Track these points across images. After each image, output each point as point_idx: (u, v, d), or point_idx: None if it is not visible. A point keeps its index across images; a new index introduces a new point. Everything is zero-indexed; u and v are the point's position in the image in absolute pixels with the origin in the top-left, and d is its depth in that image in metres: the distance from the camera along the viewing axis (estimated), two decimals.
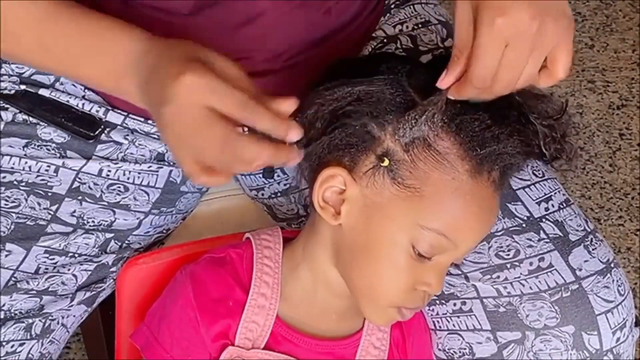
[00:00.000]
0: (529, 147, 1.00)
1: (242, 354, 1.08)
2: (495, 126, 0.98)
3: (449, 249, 1.01)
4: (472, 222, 1.01)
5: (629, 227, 2.11)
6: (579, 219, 1.13)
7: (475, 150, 0.98)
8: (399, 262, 1.01)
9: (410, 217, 1.00)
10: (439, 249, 1.01)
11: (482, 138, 0.98)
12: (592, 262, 1.09)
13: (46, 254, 1.14)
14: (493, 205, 1.03)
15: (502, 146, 0.98)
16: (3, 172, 1.13)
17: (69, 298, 1.16)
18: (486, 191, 1.00)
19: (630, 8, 2.55)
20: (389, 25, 1.25)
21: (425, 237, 1.00)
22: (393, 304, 1.04)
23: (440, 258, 1.02)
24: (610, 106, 2.34)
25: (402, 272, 1.02)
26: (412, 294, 1.03)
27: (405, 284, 1.02)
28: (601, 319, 1.07)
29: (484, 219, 1.03)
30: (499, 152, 0.99)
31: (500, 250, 1.11)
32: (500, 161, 0.99)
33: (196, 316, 1.08)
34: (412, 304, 1.05)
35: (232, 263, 1.11)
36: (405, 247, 1.01)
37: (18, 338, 1.11)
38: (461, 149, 0.98)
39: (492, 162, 0.99)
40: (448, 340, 1.15)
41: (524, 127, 0.99)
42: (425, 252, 1.01)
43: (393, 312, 1.05)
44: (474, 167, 0.98)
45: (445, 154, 0.98)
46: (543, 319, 1.07)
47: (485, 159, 0.98)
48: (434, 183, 0.99)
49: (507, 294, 1.09)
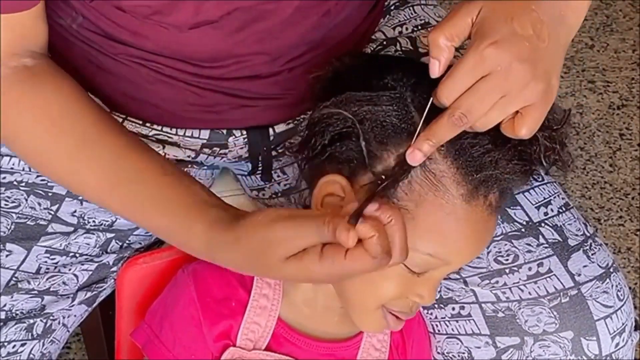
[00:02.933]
0: (528, 167, 0.98)
1: (243, 355, 1.08)
2: (495, 150, 0.96)
3: (440, 267, 1.00)
4: (465, 244, 1.00)
5: (629, 227, 2.11)
6: (578, 223, 1.13)
7: (472, 175, 0.96)
8: (390, 277, 1.00)
9: None
10: (430, 267, 1.00)
11: (480, 163, 0.96)
12: (591, 267, 1.09)
13: (47, 254, 1.14)
14: (489, 226, 1.01)
15: (500, 171, 0.97)
16: (3, 173, 1.13)
17: (70, 298, 1.16)
18: (482, 215, 0.98)
19: (630, 8, 2.55)
20: (389, 27, 1.25)
21: (415, 258, 0.98)
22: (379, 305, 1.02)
23: (434, 273, 1.01)
24: (610, 106, 2.34)
25: (393, 285, 1.00)
26: (401, 299, 1.02)
27: (396, 294, 1.01)
28: (600, 325, 1.07)
29: (478, 240, 1.01)
30: (497, 177, 0.97)
31: (499, 256, 1.11)
32: (497, 185, 0.98)
33: (199, 315, 1.08)
34: (399, 307, 1.03)
35: None
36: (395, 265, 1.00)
37: (19, 338, 1.11)
38: (457, 173, 0.96)
39: (489, 186, 0.97)
40: (447, 344, 1.15)
41: (526, 148, 0.97)
42: (417, 269, 0.99)
43: (379, 317, 1.03)
44: (469, 192, 0.96)
45: (440, 177, 0.96)
46: (542, 325, 1.07)
47: (481, 184, 0.97)
48: (428, 206, 0.97)
49: (506, 299, 1.09)
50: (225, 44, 1.08)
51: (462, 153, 0.96)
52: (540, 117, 0.92)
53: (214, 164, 1.27)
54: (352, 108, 0.98)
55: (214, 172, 1.30)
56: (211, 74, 1.13)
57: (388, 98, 0.98)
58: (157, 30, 1.06)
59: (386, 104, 0.97)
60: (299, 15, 1.08)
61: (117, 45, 1.11)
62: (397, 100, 0.98)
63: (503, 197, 1.01)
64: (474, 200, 0.97)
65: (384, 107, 0.97)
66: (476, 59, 0.89)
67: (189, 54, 1.10)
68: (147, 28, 1.06)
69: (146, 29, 1.06)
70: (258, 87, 1.16)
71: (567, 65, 2.41)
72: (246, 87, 1.15)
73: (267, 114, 1.19)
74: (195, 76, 1.13)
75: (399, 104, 0.98)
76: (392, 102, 0.98)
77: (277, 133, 1.21)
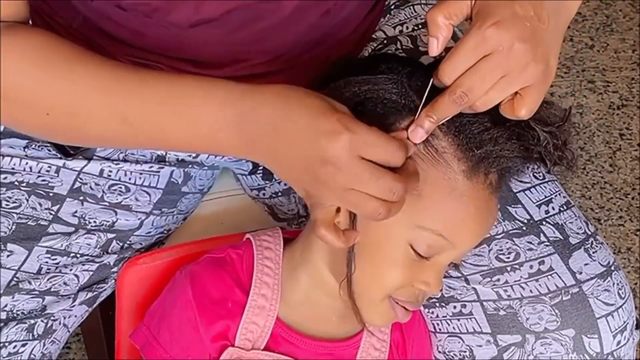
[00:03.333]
0: (528, 151, 1.00)
1: (242, 355, 1.08)
2: (495, 128, 0.98)
3: (447, 249, 1.01)
4: (469, 223, 1.01)
5: (629, 227, 2.11)
6: (579, 222, 1.13)
7: (472, 151, 0.98)
8: (397, 261, 1.01)
9: (409, 217, 0.99)
10: (437, 249, 1.01)
11: (480, 140, 0.98)
12: (592, 265, 1.09)
13: (48, 254, 1.14)
14: (491, 207, 1.03)
15: (499, 148, 0.98)
16: (4, 173, 1.13)
17: (71, 298, 1.16)
18: (482, 193, 1.00)
19: (630, 8, 2.55)
20: (389, 26, 1.25)
21: (423, 237, 1.00)
22: (386, 294, 1.03)
23: (439, 258, 1.02)
24: (610, 106, 2.34)
25: (400, 271, 1.02)
26: (407, 288, 1.03)
27: (402, 281, 1.02)
28: (601, 322, 1.07)
29: (482, 220, 1.03)
30: (496, 155, 0.99)
31: (501, 253, 1.11)
32: (497, 163, 0.99)
33: (195, 317, 1.08)
34: (406, 297, 1.04)
35: (232, 264, 1.11)
36: (404, 246, 1.01)
37: (20, 339, 1.11)
38: (458, 149, 0.98)
39: (489, 164, 0.99)
40: (448, 342, 1.15)
41: (524, 131, 0.98)
42: (423, 252, 1.01)
43: (387, 307, 1.04)
44: (470, 168, 0.99)
45: (442, 153, 0.98)
46: (543, 322, 1.07)
47: (481, 161, 0.98)
48: (432, 182, 0.99)
49: (507, 297, 1.09)
50: (225, 42, 1.08)
51: (463, 130, 0.98)
52: (539, 97, 0.93)
53: (215, 164, 1.27)
54: (352, 89, 0.99)
55: (214, 172, 1.30)
56: (211, 73, 1.12)
57: (386, 79, 1.00)
58: (158, 30, 1.06)
59: (385, 83, 0.99)
60: (298, 15, 1.09)
61: (117, 45, 1.11)
62: (395, 81, 1.00)
63: (502, 180, 1.02)
64: (475, 177, 0.99)
65: (383, 86, 0.99)
66: (478, 39, 0.90)
67: (188, 52, 1.10)
68: (147, 27, 1.06)
69: (147, 28, 1.06)
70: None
71: (567, 65, 2.41)
72: None
73: None
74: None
75: (397, 85, 1.00)
76: (390, 82, 0.99)
77: None
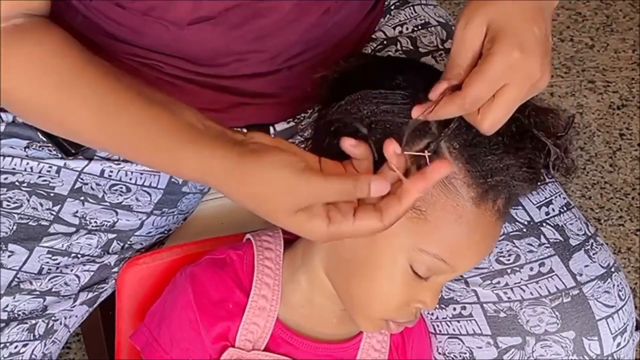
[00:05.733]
0: (537, 175, 0.99)
1: (242, 356, 1.08)
2: (508, 157, 0.96)
3: (446, 272, 1.01)
4: (472, 249, 1.01)
5: (629, 227, 2.11)
6: (579, 223, 1.13)
7: (483, 179, 0.97)
8: (396, 279, 1.01)
9: (412, 239, 0.99)
10: (436, 271, 1.00)
11: (492, 168, 0.96)
12: (592, 267, 1.09)
13: (49, 255, 1.14)
14: (495, 232, 1.02)
15: (510, 177, 0.97)
16: (4, 173, 1.13)
17: (72, 298, 1.16)
18: (489, 219, 0.99)
19: (630, 8, 2.55)
20: (389, 26, 1.25)
21: (423, 260, 0.99)
22: (384, 317, 1.04)
23: (437, 278, 1.02)
24: (610, 106, 2.34)
25: (398, 289, 1.01)
26: (404, 309, 1.03)
27: (399, 301, 1.02)
28: (602, 324, 1.07)
29: (485, 246, 1.02)
30: (507, 183, 0.97)
31: (501, 256, 1.11)
32: (507, 191, 0.98)
33: (196, 318, 1.08)
34: (403, 318, 1.04)
35: (232, 265, 1.11)
36: (403, 266, 1.00)
37: (22, 339, 1.11)
38: (468, 175, 0.97)
39: (499, 191, 0.98)
40: (448, 344, 1.15)
41: (534, 154, 0.97)
42: (422, 273, 1.00)
43: (381, 324, 1.04)
44: (479, 195, 0.97)
45: (451, 179, 0.96)
46: (543, 325, 1.07)
47: (491, 188, 0.97)
48: (439, 208, 0.97)
49: (508, 299, 1.09)
50: (224, 41, 1.08)
51: (475, 157, 0.96)
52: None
53: None
54: (370, 107, 0.97)
55: None
56: (211, 72, 1.13)
57: (403, 96, 0.97)
58: (157, 28, 1.06)
59: (401, 102, 0.97)
60: (298, 13, 1.09)
61: (118, 44, 1.11)
62: (411, 99, 0.97)
63: (509, 203, 1.01)
64: (484, 204, 0.98)
65: (399, 106, 0.97)
66: (503, 67, 0.89)
67: (188, 51, 1.10)
68: (146, 26, 1.06)
69: (146, 26, 1.06)
70: (258, 86, 1.16)
71: (567, 65, 2.41)
72: (246, 85, 1.15)
73: (267, 113, 1.19)
74: (195, 74, 1.13)
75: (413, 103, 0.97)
76: (407, 101, 0.97)
77: (278, 131, 1.21)
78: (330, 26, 1.14)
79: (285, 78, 1.16)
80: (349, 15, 1.17)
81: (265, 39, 1.10)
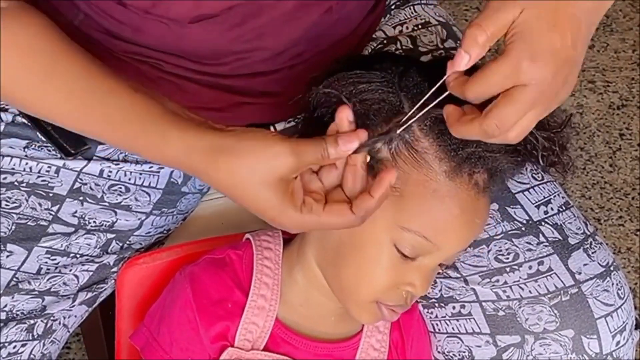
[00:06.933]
0: (515, 151, 0.98)
1: (241, 355, 1.08)
2: None
3: (431, 251, 1.01)
4: (453, 224, 1.00)
5: (629, 227, 2.11)
6: (578, 222, 1.13)
7: (454, 151, 0.97)
8: (382, 260, 1.01)
9: (391, 217, 0.99)
10: (420, 250, 1.01)
11: (463, 140, 0.96)
12: (591, 266, 1.09)
13: (48, 255, 1.14)
14: (478, 208, 1.02)
15: (483, 148, 0.97)
16: (3, 173, 1.13)
17: (71, 298, 1.16)
18: (467, 194, 0.99)
19: (630, 8, 2.55)
20: (389, 26, 1.26)
21: (405, 238, 1.00)
22: (373, 299, 1.04)
23: (425, 260, 1.02)
24: (610, 106, 2.34)
25: (385, 270, 1.02)
26: (393, 291, 1.03)
27: (387, 282, 1.02)
28: (601, 323, 1.07)
29: (467, 222, 1.02)
30: (480, 155, 0.97)
31: (500, 254, 1.11)
32: (481, 163, 0.98)
33: (195, 317, 1.08)
34: (393, 301, 1.04)
35: (232, 264, 1.11)
36: (388, 246, 1.01)
37: (20, 339, 1.11)
38: (439, 149, 0.97)
39: (473, 164, 0.98)
40: (447, 343, 1.15)
41: None
42: (407, 252, 1.01)
43: (374, 308, 1.04)
44: (452, 169, 0.98)
45: (423, 154, 0.98)
46: (542, 323, 1.07)
47: (464, 161, 0.98)
48: (414, 184, 0.98)
49: (507, 298, 1.09)
50: (225, 39, 1.09)
51: (445, 132, 0.96)
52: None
53: None
54: (348, 88, 0.99)
55: None
56: (212, 70, 1.13)
57: (379, 76, 0.99)
58: (158, 26, 1.06)
59: (378, 81, 0.99)
60: (299, 12, 1.09)
61: (119, 43, 1.11)
62: (388, 80, 0.99)
63: (493, 180, 1.01)
64: (458, 178, 0.98)
65: (376, 85, 0.98)
66: (512, 69, 0.88)
67: (189, 50, 1.11)
68: (147, 24, 1.06)
69: (147, 24, 1.07)
70: (259, 85, 1.16)
71: None
72: (247, 84, 1.15)
73: (268, 112, 1.19)
74: (196, 73, 1.13)
75: (389, 86, 0.99)
76: (383, 81, 0.99)
77: (278, 131, 1.21)
78: (331, 25, 1.14)
79: (286, 77, 1.16)
80: (351, 14, 1.18)
81: (266, 38, 1.10)
